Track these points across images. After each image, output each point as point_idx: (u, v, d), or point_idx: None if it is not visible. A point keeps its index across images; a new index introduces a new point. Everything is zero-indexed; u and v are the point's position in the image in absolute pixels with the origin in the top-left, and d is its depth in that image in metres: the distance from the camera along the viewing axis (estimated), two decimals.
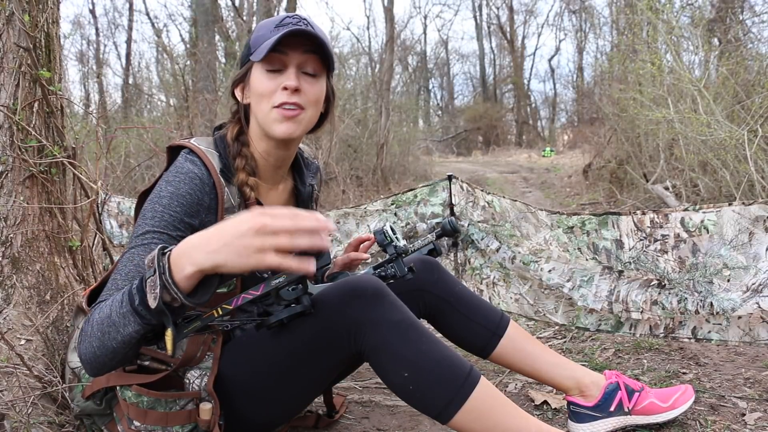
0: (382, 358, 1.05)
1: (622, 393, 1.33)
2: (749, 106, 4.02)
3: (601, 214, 1.93)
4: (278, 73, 1.12)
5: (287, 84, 1.10)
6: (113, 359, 0.94)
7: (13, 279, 1.49)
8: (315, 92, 1.15)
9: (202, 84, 8.48)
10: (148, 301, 0.86)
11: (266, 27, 1.13)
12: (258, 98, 1.14)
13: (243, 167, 1.16)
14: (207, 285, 0.89)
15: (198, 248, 0.85)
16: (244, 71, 1.17)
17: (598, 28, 16.13)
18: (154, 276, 0.85)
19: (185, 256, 0.85)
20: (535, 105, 30.18)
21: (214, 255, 0.83)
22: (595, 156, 8.00)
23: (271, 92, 1.12)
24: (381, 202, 2.47)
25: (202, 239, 0.86)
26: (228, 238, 0.83)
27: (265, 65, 1.12)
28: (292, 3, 9.88)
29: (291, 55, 1.12)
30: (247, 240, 0.82)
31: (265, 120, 1.13)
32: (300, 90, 1.12)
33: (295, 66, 1.12)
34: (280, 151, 1.20)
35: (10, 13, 1.47)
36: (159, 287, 0.84)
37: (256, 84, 1.13)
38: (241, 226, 0.83)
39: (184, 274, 0.84)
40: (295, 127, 1.13)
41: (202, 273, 0.85)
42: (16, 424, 1.20)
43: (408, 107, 13.03)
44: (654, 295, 1.81)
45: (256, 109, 1.15)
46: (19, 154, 1.49)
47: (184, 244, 0.87)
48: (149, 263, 0.87)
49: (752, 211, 1.64)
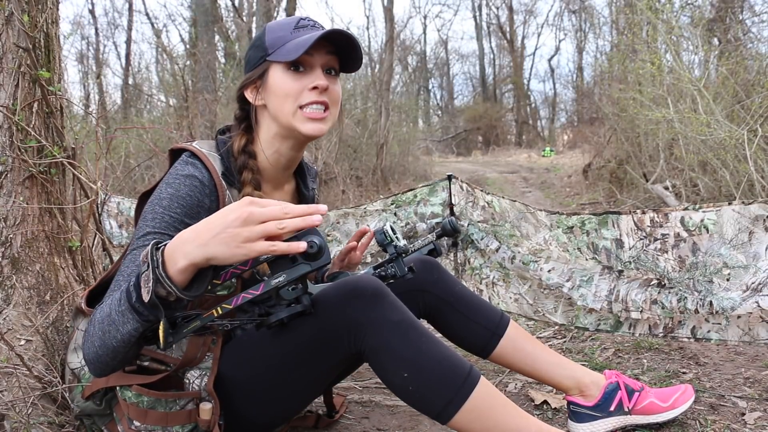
0: (382, 359, 1.05)
1: (622, 393, 1.33)
2: (749, 106, 4.02)
3: (601, 214, 1.93)
4: (302, 74, 1.13)
5: (318, 83, 1.11)
6: (115, 358, 0.95)
7: (12, 279, 1.49)
8: (338, 91, 1.18)
9: (201, 84, 8.48)
10: (142, 295, 0.87)
11: (284, 28, 1.14)
12: (281, 99, 1.13)
13: (249, 181, 1.15)
14: (201, 278, 0.90)
15: (189, 242, 0.86)
16: (259, 72, 1.16)
17: (597, 27, 16.12)
18: (147, 270, 0.86)
19: (178, 251, 0.86)
20: (534, 105, 30.20)
21: (204, 248, 0.84)
22: (595, 156, 8.00)
23: (298, 92, 1.12)
24: (381, 202, 2.47)
25: (193, 233, 0.87)
26: (216, 229, 0.84)
27: (290, 65, 1.12)
28: (292, 3, 9.88)
29: (316, 56, 1.13)
30: (234, 230, 0.83)
31: (288, 121, 1.13)
32: (328, 89, 1.13)
33: (321, 66, 1.14)
34: (294, 152, 1.20)
35: (10, 14, 1.47)
36: (152, 281, 0.85)
37: (280, 84, 1.13)
38: (228, 217, 0.84)
39: (178, 267, 0.85)
40: (322, 125, 1.14)
41: (196, 266, 0.86)
42: (16, 424, 1.20)
43: (408, 107, 13.04)
44: (654, 294, 1.81)
45: (278, 110, 1.14)
46: (19, 155, 1.49)
47: (178, 239, 0.88)
48: (144, 258, 0.88)
49: (752, 211, 1.64)
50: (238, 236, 0.83)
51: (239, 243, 0.83)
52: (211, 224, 0.86)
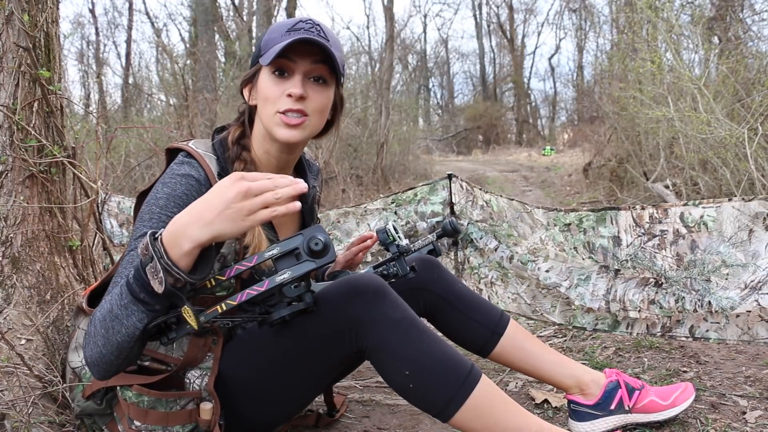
0: (383, 357, 1.05)
1: (622, 391, 1.33)
2: (749, 104, 4.02)
3: (600, 210, 1.92)
4: (285, 79, 1.12)
5: (291, 91, 1.10)
6: (119, 356, 0.94)
7: (13, 279, 1.49)
8: (321, 100, 1.15)
9: (201, 83, 8.48)
10: (154, 288, 0.87)
11: (279, 30, 1.13)
12: (263, 101, 1.14)
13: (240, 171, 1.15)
14: (206, 259, 0.91)
15: (191, 224, 0.87)
16: (252, 72, 1.17)
17: (598, 26, 16.11)
18: (153, 262, 0.87)
19: (180, 236, 0.87)
20: (535, 104, 30.19)
21: (209, 226, 0.86)
22: (596, 155, 8.00)
23: (276, 98, 1.12)
24: (381, 200, 2.47)
25: (192, 215, 0.88)
26: (219, 207, 0.87)
27: (272, 69, 1.12)
28: (292, 3, 9.88)
29: (299, 63, 1.12)
30: (237, 205, 0.86)
31: (268, 123, 1.14)
32: (305, 97, 1.12)
33: (302, 73, 1.12)
34: (284, 155, 1.20)
35: (10, 13, 1.47)
36: (161, 271, 0.86)
37: (263, 87, 1.14)
38: (227, 194, 0.87)
39: (183, 251, 0.87)
40: (297, 133, 1.13)
41: (201, 246, 0.88)
42: (17, 423, 1.20)
43: (408, 106, 13.03)
44: (651, 294, 1.81)
45: (262, 112, 1.15)
46: (19, 154, 1.49)
47: (174, 224, 0.89)
48: (143, 250, 0.89)
49: (752, 207, 1.63)
50: (242, 210, 0.86)
51: (244, 216, 0.86)
52: (210, 203, 0.87)
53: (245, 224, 0.87)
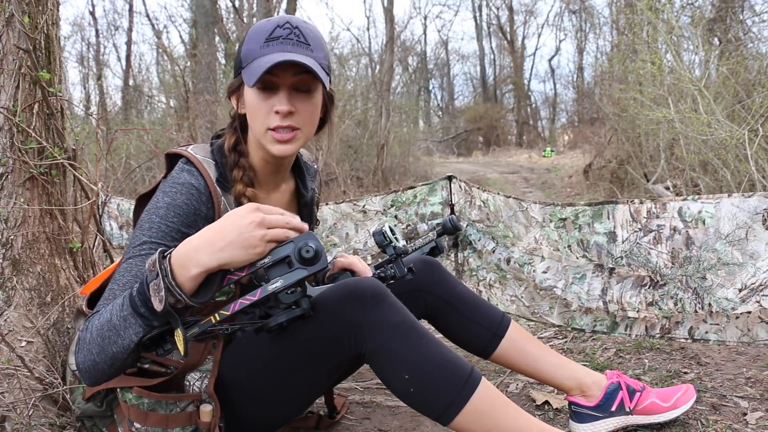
0: (383, 361, 1.05)
1: (623, 393, 1.33)
2: (750, 106, 4.02)
3: (597, 204, 1.90)
4: (270, 93, 1.08)
5: (279, 108, 1.07)
6: (112, 366, 0.94)
7: (13, 281, 1.49)
8: (309, 109, 1.11)
9: (202, 85, 8.49)
10: (153, 305, 0.88)
11: (257, 39, 1.08)
12: (252, 116, 1.11)
13: (240, 178, 1.14)
14: (209, 284, 0.92)
15: (201, 249, 0.88)
16: (237, 83, 1.14)
17: (598, 28, 16.14)
18: (157, 279, 0.87)
19: (189, 259, 0.88)
20: (535, 105, 30.17)
21: (220, 254, 0.88)
22: (596, 156, 8.00)
23: (265, 114, 1.08)
24: (381, 200, 2.47)
25: (204, 240, 0.88)
26: (232, 235, 0.88)
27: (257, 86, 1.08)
28: (292, 3, 9.89)
29: (282, 77, 1.07)
30: (250, 233, 0.88)
31: (261, 139, 1.11)
32: (293, 112, 1.08)
33: (287, 87, 1.08)
34: (279, 160, 1.19)
35: (10, 15, 1.47)
36: (164, 290, 0.86)
37: (250, 102, 1.10)
38: (242, 222, 0.89)
39: (190, 275, 0.87)
40: (290, 147, 1.10)
41: (208, 272, 0.89)
42: (17, 425, 1.20)
43: (408, 108, 13.04)
44: (649, 296, 1.80)
45: (252, 125, 1.12)
46: (20, 156, 1.49)
47: (185, 246, 0.89)
48: (150, 266, 0.89)
49: (751, 204, 1.62)
50: (255, 238, 0.89)
51: (256, 243, 0.89)
52: (223, 231, 0.89)
53: (256, 251, 0.89)
